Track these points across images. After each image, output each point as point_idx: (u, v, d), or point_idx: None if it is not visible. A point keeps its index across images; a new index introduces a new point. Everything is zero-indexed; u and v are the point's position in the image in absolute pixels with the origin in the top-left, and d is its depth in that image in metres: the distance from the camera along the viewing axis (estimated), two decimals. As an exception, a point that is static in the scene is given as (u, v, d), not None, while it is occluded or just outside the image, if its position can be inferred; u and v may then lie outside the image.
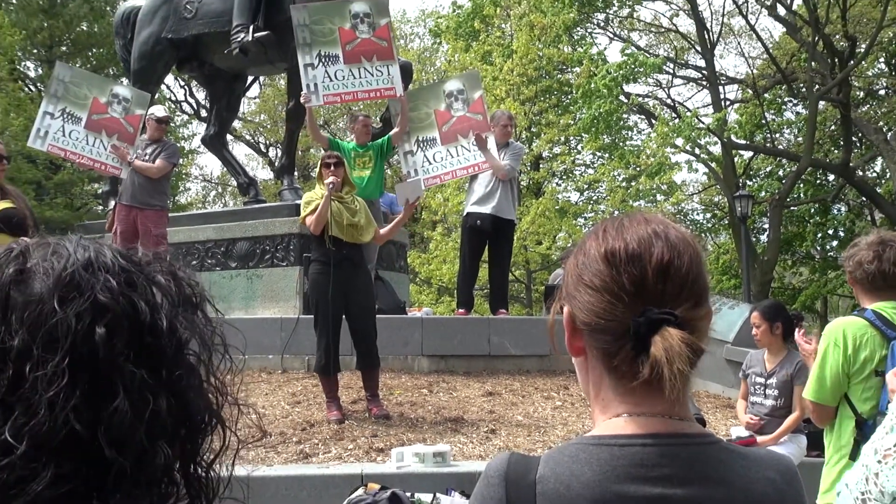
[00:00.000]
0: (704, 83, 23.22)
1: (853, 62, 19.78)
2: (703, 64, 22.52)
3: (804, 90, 21.10)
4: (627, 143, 19.80)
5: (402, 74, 7.69)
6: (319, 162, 5.95)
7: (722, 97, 22.51)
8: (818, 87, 19.40)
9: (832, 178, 22.70)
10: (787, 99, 23.37)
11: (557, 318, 1.13)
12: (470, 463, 4.91)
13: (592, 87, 16.98)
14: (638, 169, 17.95)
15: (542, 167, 20.69)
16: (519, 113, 16.32)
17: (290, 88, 9.18)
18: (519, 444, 5.39)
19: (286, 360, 7.08)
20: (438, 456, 4.70)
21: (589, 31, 23.13)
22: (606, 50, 26.80)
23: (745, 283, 17.57)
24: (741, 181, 21.65)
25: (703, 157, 21.40)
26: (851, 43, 20.06)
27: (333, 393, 5.75)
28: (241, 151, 29.21)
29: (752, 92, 22.52)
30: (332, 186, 5.58)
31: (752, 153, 24.06)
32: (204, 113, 21.79)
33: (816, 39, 19.40)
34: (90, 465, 0.66)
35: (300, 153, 22.50)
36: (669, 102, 24.47)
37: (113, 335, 0.68)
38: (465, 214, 7.93)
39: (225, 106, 10.03)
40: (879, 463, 1.66)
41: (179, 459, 0.73)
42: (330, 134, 16.51)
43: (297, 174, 12.81)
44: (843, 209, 23.84)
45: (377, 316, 6.00)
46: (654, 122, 20.68)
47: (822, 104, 20.83)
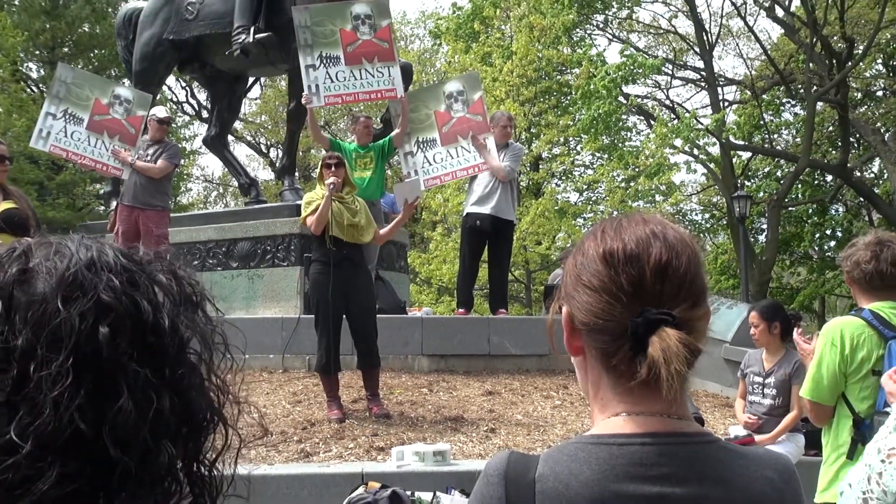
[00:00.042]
0: (703, 84, 23.21)
1: (851, 63, 19.77)
2: (701, 65, 22.52)
3: (802, 91, 21.09)
4: (626, 143, 19.78)
5: (402, 76, 7.69)
6: (320, 162, 5.96)
7: (720, 98, 22.51)
8: (816, 88, 19.39)
9: (830, 178, 22.71)
10: (785, 100, 23.36)
11: (556, 317, 1.13)
12: (470, 462, 4.92)
13: (592, 88, 16.97)
14: (637, 169, 17.94)
15: (541, 168, 20.67)
16: (518, 114, 16.31)
17: (290, 89, 9.17)
18: (518, 443, 5.39)
19: (287, 359, 7.08)
20: (438, 455, 4.70)
21: (588, 32, 23.14)
22: (605, 51, 26.91)
23: (743, 282, 17.56)
24: (739, 182, 21.64)
25: (701, 157, 21.40)
26: (849, 44, 20.05)
27: (334, 392, 5.76)
28: (242, 152, 29.23)
29: (750, 93, 22.52)
30: (332, 187, 5.58)
31: (750, 154, 24.07)
32: (205, 114, 21.73)
33: (814, 41, 19.40)
34: (95, 464, 0.66)
35: (301, 154, 22.50)
36: (668, 103, 24.47)
37: (116, 334, 0.67)
38: (464, 215, 7.93)
39: (226, 107, 10.02)
40: (883, 462, 1.66)
41: (182, 458, 0.73)
42: (331, 135, 16.50)
43: (297, 175, 12.80)
44: (840, 210, 23.84)
45: (377, 316, 6.00)
46: (652, 122, 20.65)
47: (820, 105, 20.84)
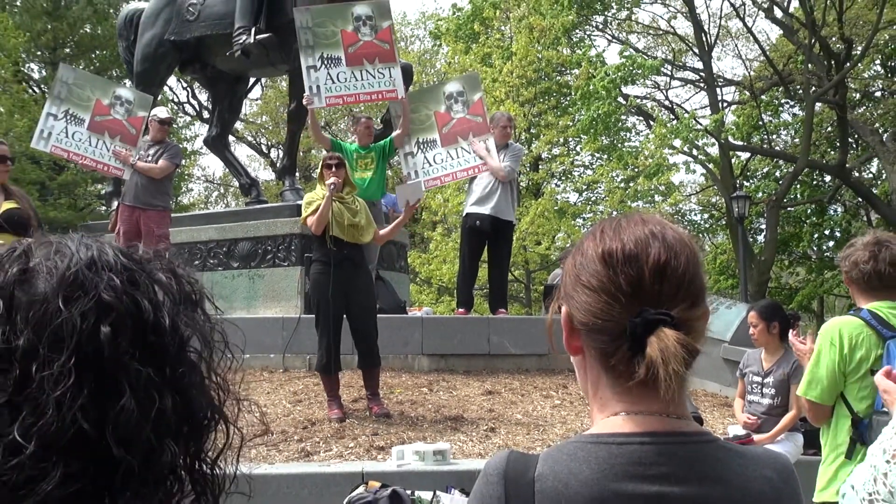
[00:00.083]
0: (702, 85, 23.19)
1: (849, 64, 19.77)
2: (700, 66, 22.52)
3: (801, 92, 21.09)
4: (626, 144, 19.77)
5: (402, 76, 7.69)
6: (321, 163, 5.97)
7: (719, 99, 22.52)
8: (815, 88, 19.39)
9: (829, 179, 22.71)
10: (783, 101, 23.36)
11: (556, 317, 1.13)
12: (470, 461, 4.92)
13: (591, 88, 16.97)
14: (636, 170, 17.94)
15: (541, 168, 20.67)
16: (518, 114, 16.31)
17: (291, 90, 9.17)
18: (518, 442, 5.40)
19: (288, 359, 7.09)
20: (438, 454, 4.71)
21: (588, 33, 23.13)
22: (605, 52, 26.99)
23: (742, 282, 17.58)
24: (738, 182, 21.65)
25: (700, 158, 21.40)
26: (848, 45, 20.05)
27: (334, 392, 5.76)
28: (242, 152, 29.25)
29: (749, 94, 22.50)
30: (333, 187, 5.59)
31: (749, 154, 24.06)
32: (206, 114, 21.72)
33: (813, 42, 19.40)
34: (98, 464, 0.66)
35: (301, 154, 22.49)
36: (667, 104, 24.47)
37: (118, 334, 0.67)
38: (464, 215, 7.94)
39: (227, 107, 10.02)
40: (888, 463, 1.66)
41: (184, 456, 0.73)
42: (331, 135, 16.50)
43: (298, 175, 12.79)
44: (839, 210, 23.83)
45: (378, 315, 6.00)
46: (652, 123, 20.66)
47: (818, 106, 20.84)
